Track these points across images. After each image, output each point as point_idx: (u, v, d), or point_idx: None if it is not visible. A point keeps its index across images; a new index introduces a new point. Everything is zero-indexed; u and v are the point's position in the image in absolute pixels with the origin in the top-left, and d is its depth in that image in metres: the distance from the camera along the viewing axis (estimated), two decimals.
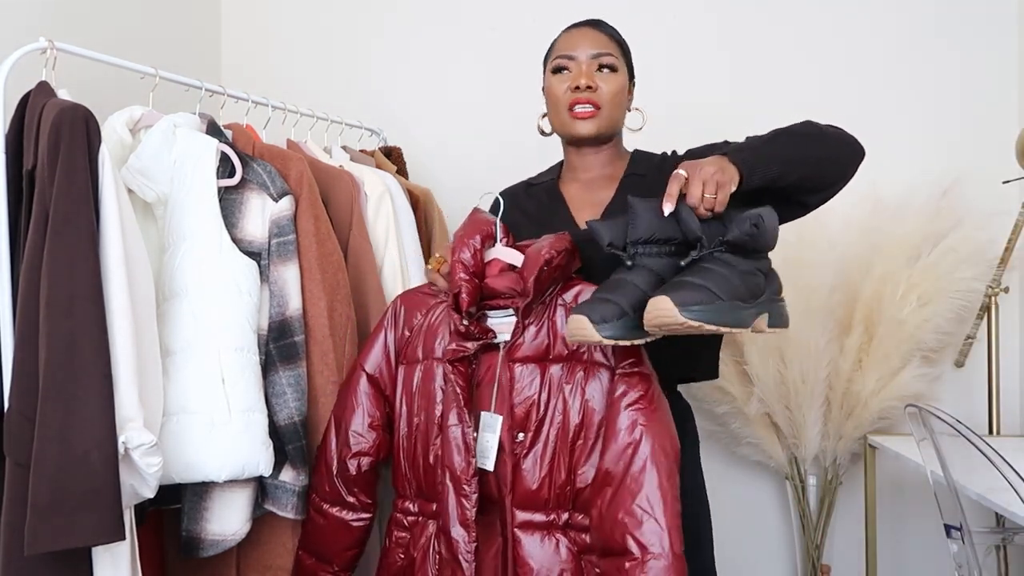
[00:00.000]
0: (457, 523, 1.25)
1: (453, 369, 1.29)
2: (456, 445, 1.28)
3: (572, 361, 1.29)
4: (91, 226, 1.21)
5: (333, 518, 1.43)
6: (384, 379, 1.42)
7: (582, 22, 1.51)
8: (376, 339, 1.45)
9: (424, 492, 1.36)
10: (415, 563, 1.33)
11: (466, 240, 1.34)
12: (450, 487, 1.27)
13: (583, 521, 1.26)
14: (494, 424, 1.29)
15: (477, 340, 1.30)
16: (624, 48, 1.50)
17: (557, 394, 1.28)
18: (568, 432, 1.27)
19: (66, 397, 1.16)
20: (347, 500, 1.43)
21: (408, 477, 1.38)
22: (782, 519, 2.43)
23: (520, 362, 1.30)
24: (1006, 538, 1.80)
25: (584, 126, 1.43)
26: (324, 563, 1.44)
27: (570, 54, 1.45)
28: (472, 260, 1.32)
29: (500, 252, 1.36)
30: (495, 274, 1.34)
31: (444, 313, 1.38)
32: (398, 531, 1.39)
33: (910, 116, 2.35)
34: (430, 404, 1.35)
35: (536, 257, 1.28)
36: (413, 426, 1.38)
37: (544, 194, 1.54)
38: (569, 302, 1.30)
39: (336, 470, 1.42)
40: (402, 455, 1.39)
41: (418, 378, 1.38)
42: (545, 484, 1.26)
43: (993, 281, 2.18)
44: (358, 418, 1.41)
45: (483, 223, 1.37)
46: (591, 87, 1.42)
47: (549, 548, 1.26)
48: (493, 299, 1.33)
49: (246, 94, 1.82)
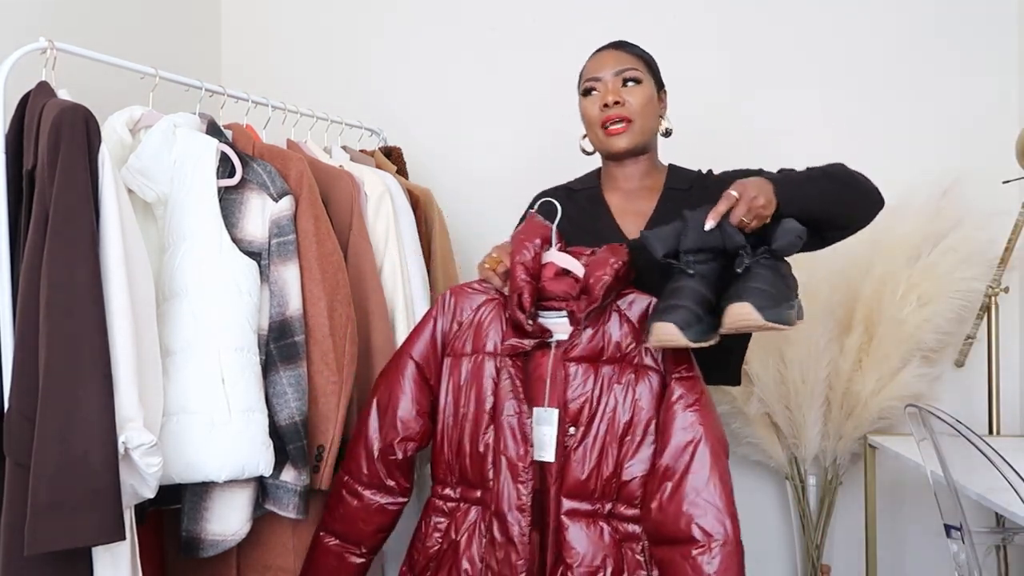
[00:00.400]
0: (514, 508, 1.33)
1: (512, 363, 1.38)
2: (513, 435, 1.36)
3: (623, 363, 1.38)
4: (91, 226, 1.21)
5: (369, 501, 1.46)
6: (430, 368, 1.47)
7: (605, 45, 1.59)
8: (425, 328, 1.49)
9: (468, 479, 1.41)
10: (458, 546, 1.39)
11: (526, 244, 1.41)
12: (507, 475, 1.35)
13: (625, 511, 1.34)
14: (550, 418, 1.37)
15: (535, 338, 1.38)
16: (648, 62, 1.58)
17: (608, 392, 1.36)
18: (617, 429, 1.35)
19: (66, 397, 1.16)
20: (387, 484, 1.46)
21: (451, 464, 1.43)
22: (782, 519, 2.43)
23: (575, 361, 1.38)
24: (1006, 538, 1.80)
25: (618, 141, 1.53)
26: (350, 545, 1.47)
27: (596, 75, 1.54)
28: (532, 263, 1.40)
29: (556, 257, 1.43)
30: (550, 277, 1.42)
31: (494, 310, 1.45)
32: (436, 516, 1.43)
33: (910, 116, 2.35)
34: (480, 396, 1.41)
35: (603, 267, 1.37)
36: (460, 416, 1.43)
37: (586, 200, 1.60)
38: (624, 308, 1.40)
39: (378, 454, 1.45)
40: (445, 443, 1.43)
41: (466, 371, 1.44)
42: (593, 476, 1.34)
43: (993, 281, 2.18)
44: (406, 404, 1.45)
45: (540, 228, 1.44)
46: (619, 102, 1.51)
47: (594, 535, 1.34)
48: (546, 300, 1.41)
49: (246, 94, 1.82)
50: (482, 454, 1.39)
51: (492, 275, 1.46)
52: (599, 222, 1.56)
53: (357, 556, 1.47)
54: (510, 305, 1.39)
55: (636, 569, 1.33)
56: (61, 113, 1.23)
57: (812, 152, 2.37)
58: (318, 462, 1.56)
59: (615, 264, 1.37)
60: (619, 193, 1.60)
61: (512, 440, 1.36)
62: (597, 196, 1.60)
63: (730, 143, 2.39)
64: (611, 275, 1.36)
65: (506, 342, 1.40)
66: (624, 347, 1.38)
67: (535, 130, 2.52)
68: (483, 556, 1.36)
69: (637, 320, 1.39)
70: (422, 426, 1.45)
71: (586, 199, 1.61)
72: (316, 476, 1.56)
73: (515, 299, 1.38)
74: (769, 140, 2.40)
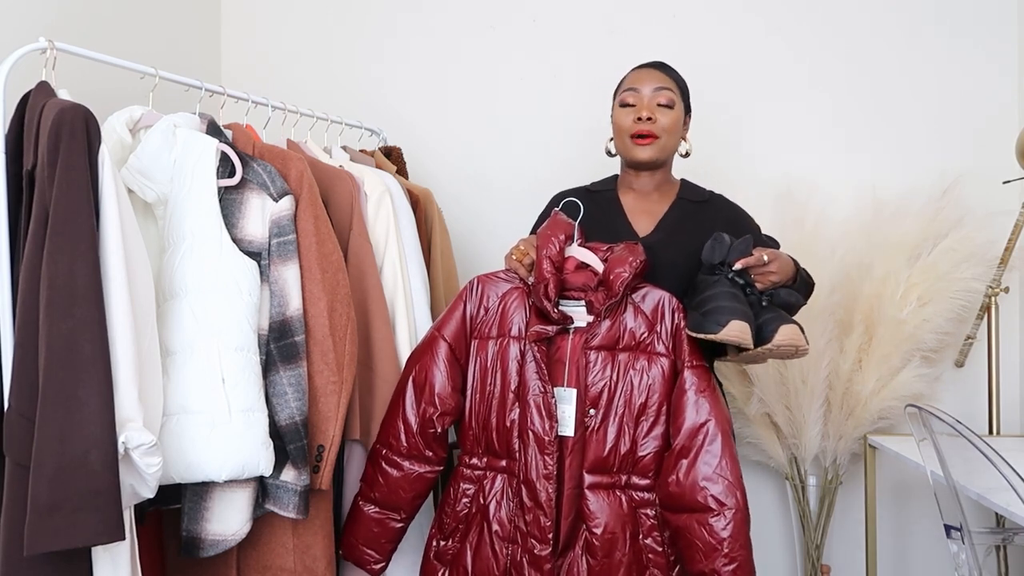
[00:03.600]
0: (541, 477, 1.48)
1: (537, 348, 1.52)
2: (539, 412, 1.50)
3: (637, 350, 1.54)
4: (91, 226, 1.21)
5: (408, 471, 1.60)
6: (460, 348, 1.61)
7: (648, 63, 1.72)
8: (455, 311, 1.62)
9: (493, 450, 1.56)
10: (487, 510, 1.55)
11: (552, 239, 1.55)
12: (534, 447, 1.50)
13: (640, 482, 1.52)
14: (569, 397, 1.52)
15: (558, 324, 1.52)
16: (683, 88, 1.72)
17: (624, 377, 1.52)
18: (634, 410, 1.52)
19: (66, 397, 1.16)
20: (425, 454, 1.60)
21: (478, 437, 1.58)
22: (782, 519, 2.43)
23: (595, 349, 1.53)
24: (1006, 538, 1.80)
25: (642, 152, 1.66)
26: (392, 511, 1.61)
27: (635, 87, 1.67)
28: (557, 256, 1.55)
29: (578, 252, 1.58)
30: (572, 270, 1.57)
31: (519, 298, 1.60)
32: (464, 483, 1.58)
33: (910, 116, 2.35)
34: (505, 376, 1.56)
35: (623, 264, 1.51)
36: (487, 393, 1.57)
37: (603, 200, 1.74)
38: (638, 301, 1.55)
39: (418, 428, 1.59)
40: (473, 418, 1.58)
41: (493, 353, 1.58)
42: (612, 453, 1.51)
43: (993, 281, 2.18)
44: (442, 381, 1.59)
45: (565, 225, 1.59)
46: (651, 119, 1.64)
47: (614, 503, 1.51)
48: (567, 290, 1.57)
49: (246, 94, 1.82)
50: (508, 428, 1.54)
51: (519, 266, 1.59)
52: (614, 220, 1.69)
53: (397, 521, 1.62)
54: (535, 294, 1.53)
55: (651, 531, 1.51)
56: (61, 113, 1.23)
57: (813, 152, 2.39)
58: (318, 462, 1.56)
59: (634, 262, 1.51)
60: (633, 195, 1.73)
61: (538, 417, 1.50)
62: (613, 197, 1.74)
63: (729, 143, 2.40)
64: (630, 272, 1.50)
65: (532, 328, 1.53)
66: (638, 336, 1.54)
67: (535, 130, 2.52)
68: (511, 518, 1.53)
69: (650, 311, 1.54)
70: (457, 401, 1.59)
71: (603, 199, 1.73)
72: (316, 476, 1.56)
73: (541, 289, 1.52)
74: (769, 141, 2.41)
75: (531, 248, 1.59)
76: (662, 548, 1.51)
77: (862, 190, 2.29)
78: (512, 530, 1.52)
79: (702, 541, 1.43)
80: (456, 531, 1.57)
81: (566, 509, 1.49)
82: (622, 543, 1.49)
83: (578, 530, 1.51)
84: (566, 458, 1.50)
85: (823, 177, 2.33)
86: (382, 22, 2.62)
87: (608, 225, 1.68)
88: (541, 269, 1.53)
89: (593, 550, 1.50)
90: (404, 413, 1.59)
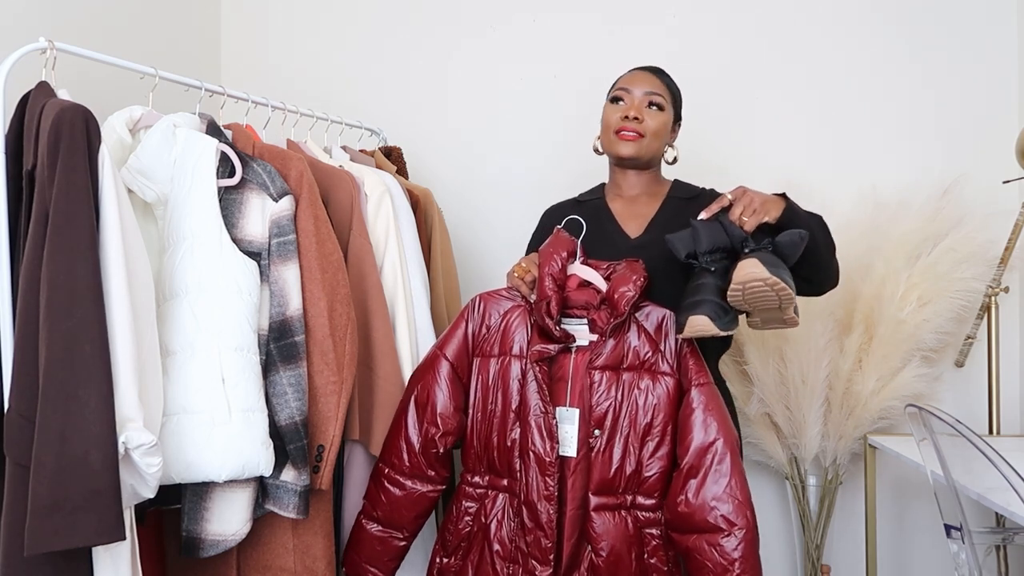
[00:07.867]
0: (543, 498, 1.47)
1: (539, 367, 1.51)
2: (540, 433, 1.49)
3: (641, 370, 1.52)
4: (91, 226, 1.21)
5: (411, 490, 1.60)
6: (462, 367, 1.60)
7: (644, 67, 1.73)
8: (457, 329, 1.62)
9: (495, 469, 1.55)
10: (488, 529, 1.54)
11: (554, 256, 1.54)
12: (535, 468, 1.48)
13: (645, 502, 1.50)
14: (572, 417, 1.51)
15: (560, 343, 1.51)
16: (675, 95, 1.72)
17: (629, 397, 1.51)
18: (639, 430, 1.50)
19: (66, 397, 1.16)
20: (427, 474, 1.59)
21: (480, 455, 1.57)
22: (782, 519, 2.43)
23: (599, 369, 1.51)
24: (1006, 538, 1.80)
25: (625, 147, 1.66)
26: (394, 529, 1.61)
27: (627, 87, 1.68)
28: (559, 274, 1.53)
29: (580, 270, 1.57)
30: (574, 288, 1.56)
31: (520, 316, 1.59)
32: (467, 502, 1.58)
33: (910, 116, 2.35)
34: (507, 395, 1.55)
35: (626, 282, 1.50)
36: (488, 412, 1.56)
37: (592, 208, 1.74)
38: (641, 320, 1.54)
39: (420, 448, 1.58)
40: (474, 436, 1.57)
41: (494, 371, 1.57)
42: (618, 474, 1.49)
43: (993, 281, 2.18)
44: (444, 401, 1.58)
45: (566, 242, 1.57)
46: (638, 119, 1.65)
47: (619, 524, 1.49)
48: (569, 308, 1.55)
49: (246, 94, 1.82)
50: (509, 448, 1.53)
51: (521, 284, 1.58)
52: (603, 226, 1.69)
53: (400, 539, 1.61)
54: (537, 312, 1.52)
55: (656, 551, 1.49)
56: (61, 113, 1.23)
57: (812, 152, 2.39)
58: (318, 462, 1.56)
59: (637, 281, 1.50)
60: (621, 200, 1.74)
61: (539, 437, 1.49)
62: (601, 204, 1.74)
63: (729, 143, 2.40)
64: (635, 291, 1.49)
65: (533, 347, 1.52)
66: (642, 355, 1.52)
67: (535, 130, 2.52)
68: (512, 538, 1.52)
69: (653, 330, 1.53)
70: (459, 421, 1.58)
71: (592, 208, 1.74)
72: (316, 476, 1.56)
73: (543, 306, 1.50)
74: (769, 141, 2.41)
75: (533, 265, 1.58)
76: (667, 567, 1.49)
77: (862, 190, 2.29)
78: (513, 550, 1.51)
79: (712, 562, 1.41)
80: (458, 549, 1.57)
81: (568, 530, 1.48)
82: (627, 563, 1.48)
83: (582, 551, 1.50)
84: (568, 479, 1.49)
85: (823, 177, 2.32)
86: (382, 22, 2.62)
87: (598, 232, 1.67)
88: (543, 287, 1.51)
89: (598, 571, 1.48)
90: (406, 432, 1.59)
